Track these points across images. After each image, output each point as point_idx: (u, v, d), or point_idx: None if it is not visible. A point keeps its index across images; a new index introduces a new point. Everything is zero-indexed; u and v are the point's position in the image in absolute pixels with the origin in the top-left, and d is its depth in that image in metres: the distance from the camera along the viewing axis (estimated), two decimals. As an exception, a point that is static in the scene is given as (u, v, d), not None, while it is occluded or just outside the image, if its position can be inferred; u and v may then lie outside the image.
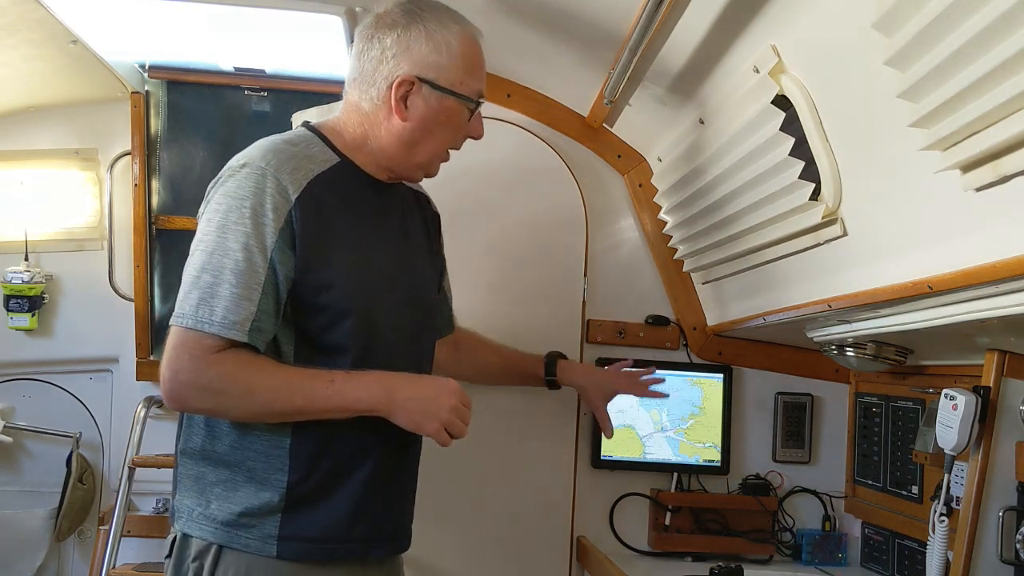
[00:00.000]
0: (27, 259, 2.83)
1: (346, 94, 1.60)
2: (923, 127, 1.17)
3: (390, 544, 1.61)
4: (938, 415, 1.63)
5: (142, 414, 2.69)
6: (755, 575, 2.12)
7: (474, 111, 1.58)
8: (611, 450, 2.35)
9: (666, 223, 2.32)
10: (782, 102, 1.54)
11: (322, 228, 1.47)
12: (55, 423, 2.89)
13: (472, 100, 1.57)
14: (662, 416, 2.35)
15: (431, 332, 1.74)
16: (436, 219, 1.81)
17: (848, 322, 1.79)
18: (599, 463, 2.36)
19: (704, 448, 2.37)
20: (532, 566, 2.27)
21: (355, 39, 1.60)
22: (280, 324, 1.47)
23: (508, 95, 2.37)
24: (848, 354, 1.92)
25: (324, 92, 2.58)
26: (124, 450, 2.68)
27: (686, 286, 2.41)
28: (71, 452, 2.84)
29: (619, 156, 2.41)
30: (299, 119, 2.21)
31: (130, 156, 2.76)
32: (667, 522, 2.31)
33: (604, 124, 2.29)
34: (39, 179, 2.89)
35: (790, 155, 1.56)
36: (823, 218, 1.55)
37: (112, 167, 2.85)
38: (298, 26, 2.18)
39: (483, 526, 2.26)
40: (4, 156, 2.87)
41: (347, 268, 1.50)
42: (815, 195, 1.56)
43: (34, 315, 2.83)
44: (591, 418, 2.31)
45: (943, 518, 1.60)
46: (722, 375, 2.39)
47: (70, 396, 2.90)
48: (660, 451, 2.36)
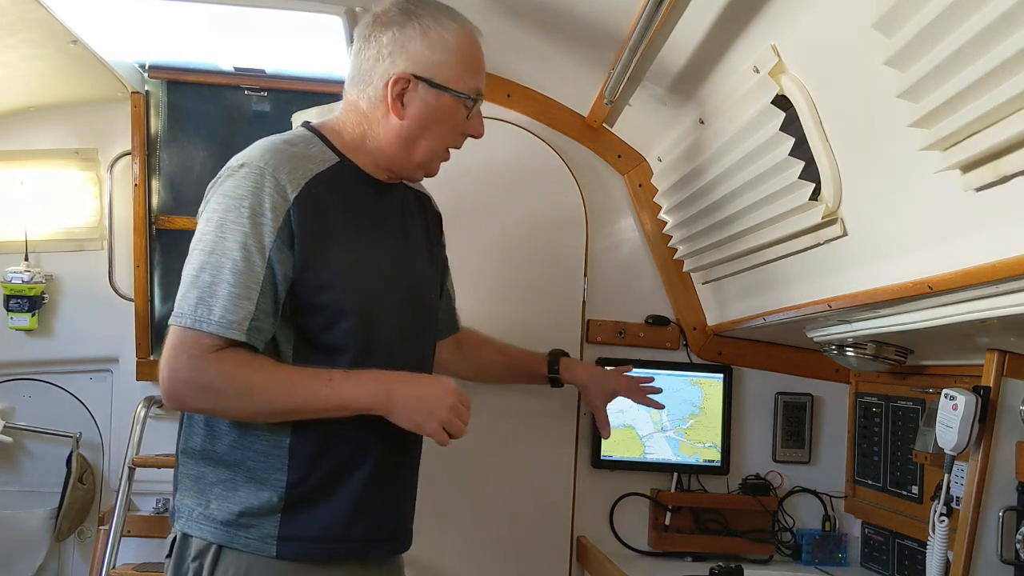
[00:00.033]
0: (27, 259, 2.83)
1: (346, 94, 1.61)
2: (923, 127, 1.17)
3: (390, 544, 1.61)
4: (938, 415, 1.63)
5: (142, 414, 2.70)
6: (755, 575, 2.12)
7: (472, 108, 1.58)
8: (611, 450, 2.35)
9: (666, 223, 2.32)
10: (782, 102, 1.54)
11: (321, 228, 1.47)
12: (55, 423, 2.89)
13: (469, 97, 1.56)
14: (662, 416, 2.35)
15: (431, 332, 1.74)
16: (437, 219, 1.81)
17: (848, 322, 1.79)
18: (599, 463, 2.36)
19: (704, 448, 2.37)
20: (532, 566, 2.27)
21: (354, 39, 1.60)
22: (279, 324, 1.47)
23: (508, 95, 2.37)
24: (848, 354, 1.92)
25: (324, 92, 2.58)
26: (124, 450, 2.68)
27: (686, 286, 2.41)
28: (71, 452, 2.84)
29: (619, 156, 2.41)
30: (299, 119, 2.21)
31: (130, 156, 2.76)
32: (667, 522, 2.31)
33: (604, 124, 2.29)
34: (39, 179, 2.89)
35: (790, 155, 1.56)
36: (823, 218, 1.55)
37: (112, 167, 2.85)
38: (298, 26, 2.18)
39: (483, 526, 2.26)
40: (4, 156, 2.87)
41: (346, 268, 1.50)
42: (815, 195, 1.56)
43: (34, 315, 2.83)
44: (591, 418, 2.30)
45: (943, 518, 1.60)
46: (722, 375, 2.39)
47: (70, 396, 2.90)
48: (660, 451, 2.36)
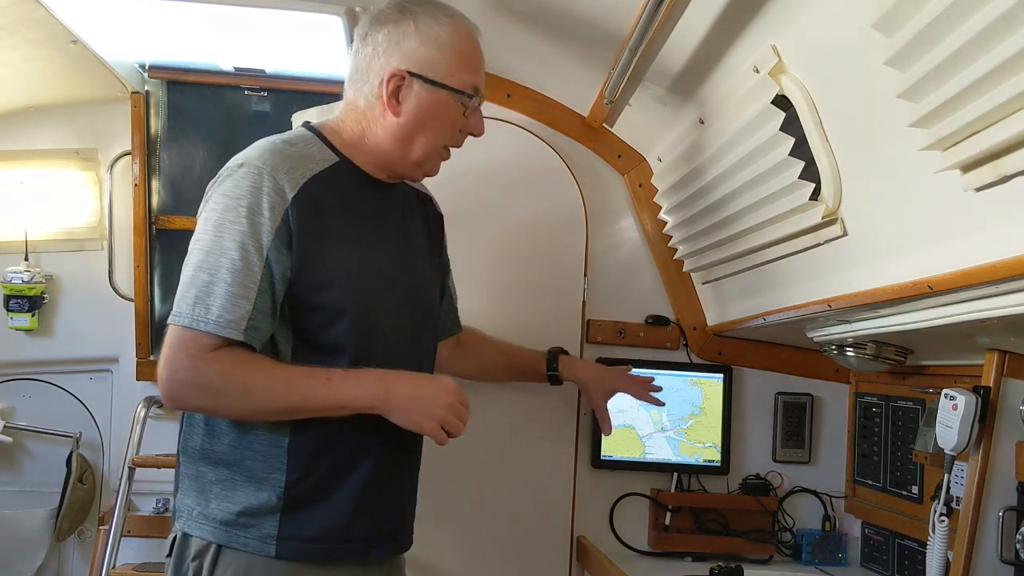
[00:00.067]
0: (27, 259, 2.83)
1: (345, 94, 1.61)
2: (923, 127, 1.17)
3: (390, 544, 1.61)
4: (938, 415, 1.63)
5: (142, 414, 2.70)
6: (755, 575, 2.12)
7: (469, 105, 1.57)
8: (611, 450, 2.35)
9: (666, 223, 2.32)
10: (782, 102, 1.54)
11: (319, 227, 1.47)
12: (55, 423, 2.89)
13: (465, 93, 1.55)
14: (662, 416, 2.35)
15: (431, 332, 1.74)
16: (439, 219, 1.80)
17: (848, 322, 1.79)
18: (599, 463, 2.35)
19: (704, 448, 2.36)
20: (532, 566, 2.27)
21: (354, 39, 1.60)
22: (278, 324, 1.47)
23: (508, 95, 2.37)
24: (848, 354, 1.92)
25: (324, 92, 2.58)
26: (124, 450, 2.68)
27: (686, 286, 2.41)
28: (71, 452, 2.84)
29: (619, 156, 2.41)
30: (299, 119, 2.21)
31: (130, 156, 2.76)
32: (667, 522, 2.31)
33: (604, 124, 2.29)
34: (39, 179, 2.89)
35: (790, 155, 1.56)
36: (823, 218, 1.55)
37: (112, 167, 2.85)
38: (298, 26, 2.18)
39: (483, 526, 2.26)
40: (4, 156, 2.87)
41: (344, 267, 1.50)
42: (815, 195, 1.56)
43: (34, 315, 2.83)
44: (591, 418, 2.31)
45: (943, 518, 1.60)
46: (722, 375, 2.39)
47: (70, 396, 2.90)
48: (660, 451, 2.36)
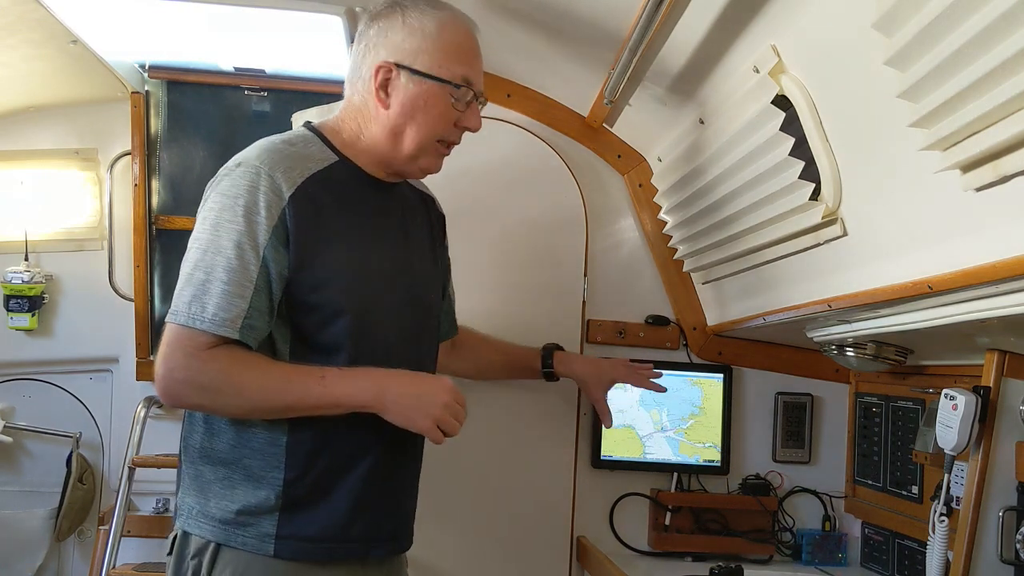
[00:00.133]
0: (27, 259, 2.83)
1: (345, 93, 1.61)
2: (923, 127, 1.17)
3: (390, 544, 1.61)
4: (938, 415, 1.63)
5: (142, 414, 2.69)
6: (755, 575, 2.12)
7: (459, 96, 1.56)
8: (611, 450, 2.35)
9: (666, 223, 2.32)
10: (782, 102, 1.54)
11: (317, 226, 1.47)
12: (55, 423, 2.88)
13: (454, 84, 1.55)
14: (662, 416, 2.35)
15: (431, 332, 1.73)
16: (441, 220, 1.80)
17: (848, 322, 1.79)
18: (599, 463, 2.35)
19: (704, 448, 2.36)
20: (532, 566, 2.27)
21: (354, 40, 1.61)
22: (277, 323, 1.47)
23: (508, 95, 2.37)
24: (848, 354, 1.92)
25: (324, 92, 2.58)
26: (124, 450, 2.67)
27: (686, 286, 2.41)
28: (71, 452, 2.83)
29: (619, 156, 2.41)
30: (299, 119, 2.21)
31: (130, 156, 2.75)
32: (667, 522, 2.31)
33: (604, 124, 2.29)
34: (39, 179, 2.89)
35: (790, 155, 1.56)
36: (823, 218, 1.55)
37: (112, 167, 2.85)
38: (298, 26, 2.18)
39: (483, 526, 2.26)
40: (4, 156, 2.87)
41: (342, 267, 1.50)
42: (815, 195, 1.56)
43: (34, 315, 2.83)
44: (591, 418, 2.31)
45: (943, 518, 1.60)
46: (722, 375, 2.39)
47: (70, 396, 2.90)
48: (660, 451, 2.36)
